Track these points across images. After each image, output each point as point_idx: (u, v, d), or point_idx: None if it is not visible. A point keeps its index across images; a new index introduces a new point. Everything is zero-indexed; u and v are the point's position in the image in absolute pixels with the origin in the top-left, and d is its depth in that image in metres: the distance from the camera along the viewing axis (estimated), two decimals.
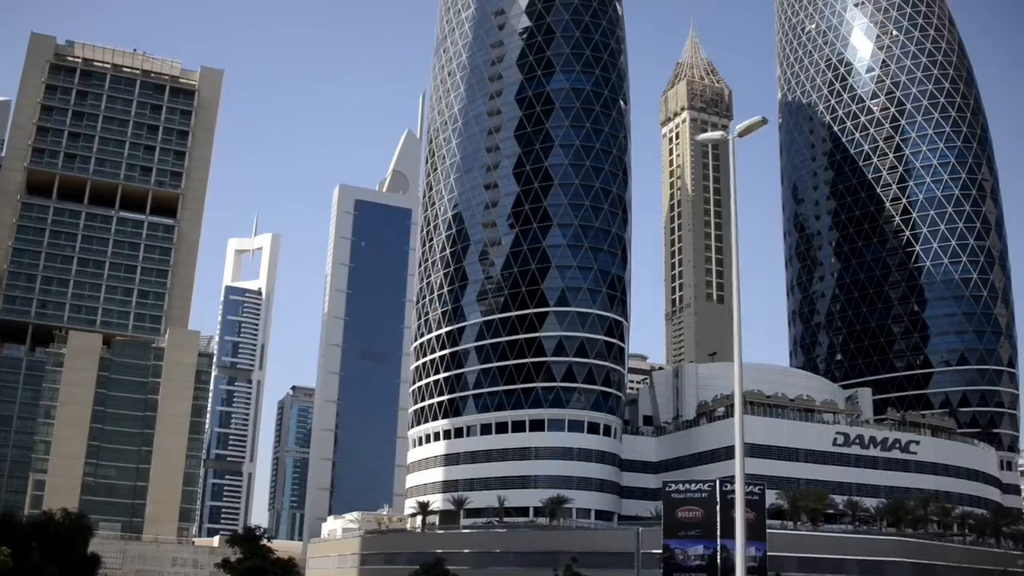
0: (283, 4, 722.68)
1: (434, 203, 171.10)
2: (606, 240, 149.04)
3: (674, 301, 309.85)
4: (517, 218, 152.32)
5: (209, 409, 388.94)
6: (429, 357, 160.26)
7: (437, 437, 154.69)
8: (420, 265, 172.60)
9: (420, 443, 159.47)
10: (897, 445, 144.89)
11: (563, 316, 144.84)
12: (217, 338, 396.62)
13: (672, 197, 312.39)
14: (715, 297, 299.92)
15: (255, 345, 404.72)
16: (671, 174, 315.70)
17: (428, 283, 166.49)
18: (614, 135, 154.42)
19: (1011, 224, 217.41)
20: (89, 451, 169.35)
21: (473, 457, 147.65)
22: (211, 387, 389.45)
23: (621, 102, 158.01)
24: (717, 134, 33.97)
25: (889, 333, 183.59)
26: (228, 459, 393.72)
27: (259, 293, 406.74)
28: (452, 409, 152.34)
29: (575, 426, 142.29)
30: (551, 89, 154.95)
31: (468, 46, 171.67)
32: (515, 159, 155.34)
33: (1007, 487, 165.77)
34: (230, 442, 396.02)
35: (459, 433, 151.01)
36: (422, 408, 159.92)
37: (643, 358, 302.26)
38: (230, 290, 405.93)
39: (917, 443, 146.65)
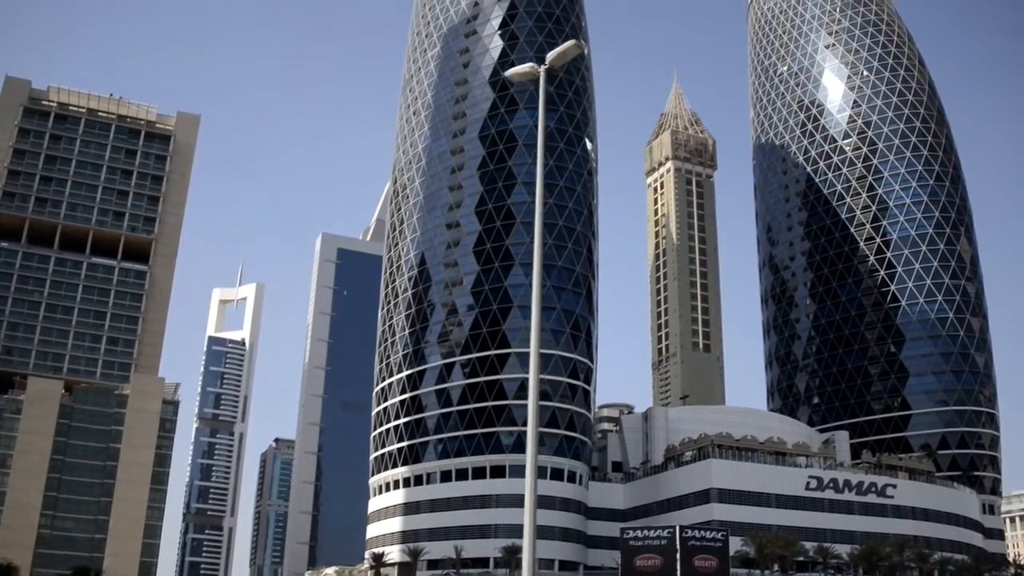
0: (267, 52, 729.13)
1: (397, 243, 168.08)
2: (570, 280, 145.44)
3: (660, 351, 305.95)
4: (479, 257, 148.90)
5: (190, 462, 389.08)
6: (390, 402, 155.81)
7: (396, 485, 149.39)
8: (383, 307, 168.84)
9: (380, 492, 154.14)
10: (873, 489, 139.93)
11: (525, 358, 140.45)
12: (198, 389, 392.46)
13: (658, 247, 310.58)
14: (701, 346, 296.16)
15: (238, 396, 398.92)
16: (656, 223, 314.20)
17: (390, 325, 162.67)
18: (579, 173, 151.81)
19: (987, 263, 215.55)
20: (46, 502, 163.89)
21: (433, 506, 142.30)
22: (191, 439, 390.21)
23: (587, 140, 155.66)
24: (526, 66, 30.59)
25: (866, 375, 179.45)
26: (208, 513, 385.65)
27: (242, 344, 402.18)
28: (412, 456, 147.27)
29: (537, 472, 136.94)
30: (514, 126, 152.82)
31: (433, 85, 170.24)
32: (478, 197, 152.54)
33: (990, 532, 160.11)
34: (211, 496, 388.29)
35: (419, 481, 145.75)
36: (382, 455, 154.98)
37: (630, 408, 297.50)
38: (213, 340, 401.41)
39: (894, 487, 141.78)
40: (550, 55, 29.86)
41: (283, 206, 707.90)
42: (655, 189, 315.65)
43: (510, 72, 31.45)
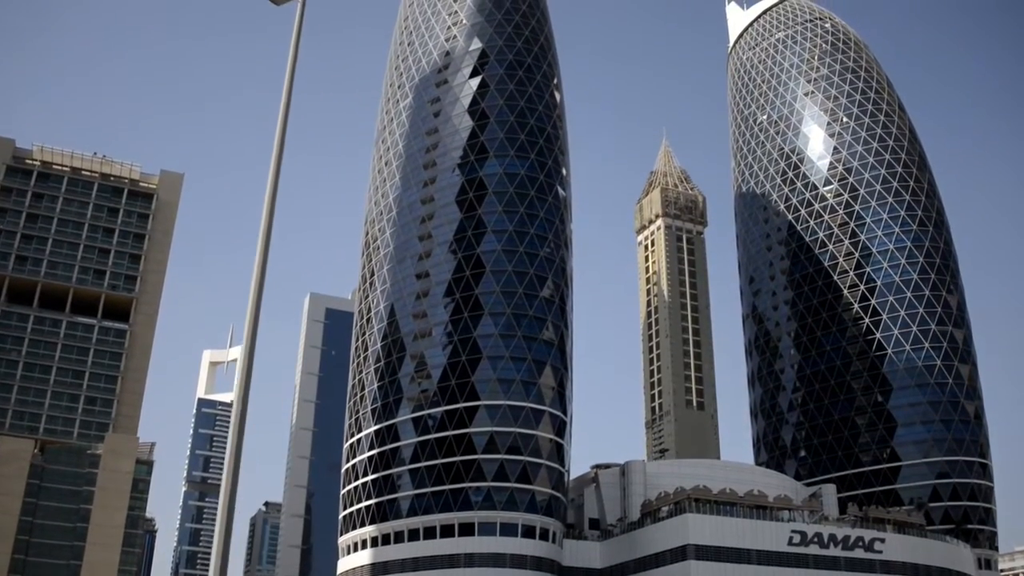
0: (252, 111, 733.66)
1: (368, 296, 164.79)
2: (541, 329, 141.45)
3: (653, 409, 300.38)
4: (448, 307, 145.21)
5: (178, 526, 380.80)
6: (358, 458, 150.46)
7: (365, 545, 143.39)
8: (353, 362, 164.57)
9: (349, 552, 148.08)
10: (860, 543, 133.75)
11: (494, 410, 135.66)
12: (187, 452, 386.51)
13: (649, 304, 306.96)
14: (694, 403, 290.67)
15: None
16: (648, 280, 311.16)
17: (360, 380, 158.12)
18: (550, 220, 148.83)
19: (974, 308, 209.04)
20: (14, 565, 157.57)
21: (402, 566, 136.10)
22: (179, 503, 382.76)
23: (559, 187, 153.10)
24: None
25: (853, 426, 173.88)
26: None
27: (232, 406, 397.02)
28: (380, 514, 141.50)
29: (508, 530, 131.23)
30: (484, 174, 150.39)
31: (404, 135, 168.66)
32: (447, 246, 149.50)
33: None
34: (199, 561, 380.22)
35: (387, 540, 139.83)
36: (351, 514, 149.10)
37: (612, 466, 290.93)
38: (203, 403, 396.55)
39: (882, 541, 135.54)
40: None
41: (272, 266, 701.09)
42: (646, 247, 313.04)
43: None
